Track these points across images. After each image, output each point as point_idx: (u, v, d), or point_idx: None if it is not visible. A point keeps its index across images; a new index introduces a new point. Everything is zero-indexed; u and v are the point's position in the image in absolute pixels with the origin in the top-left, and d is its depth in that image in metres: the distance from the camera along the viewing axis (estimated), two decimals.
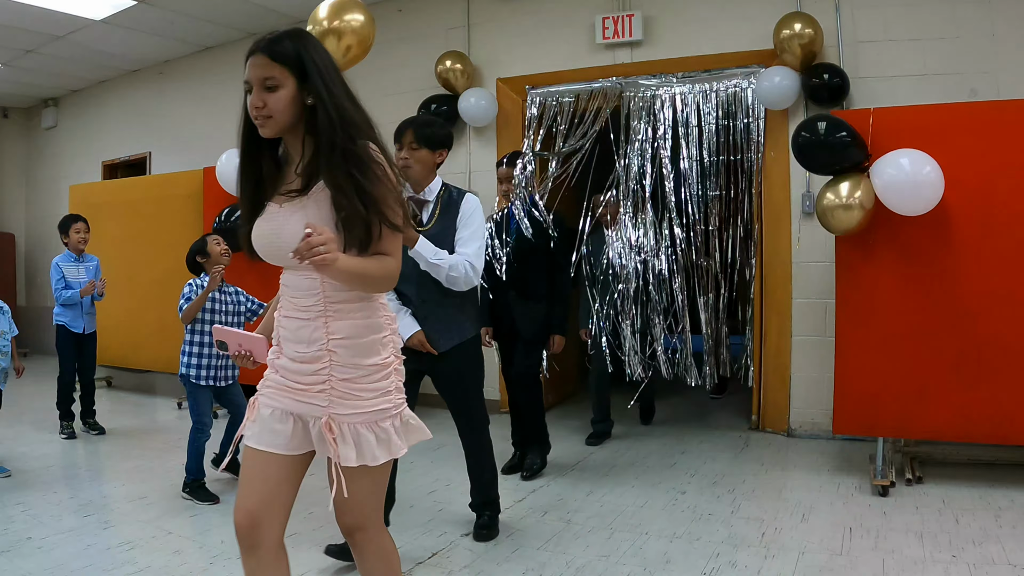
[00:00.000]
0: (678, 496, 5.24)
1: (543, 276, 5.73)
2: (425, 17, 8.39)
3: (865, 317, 5.25)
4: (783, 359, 6.78)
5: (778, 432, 6.82)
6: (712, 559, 4.10)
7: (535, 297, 5.70)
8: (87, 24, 9.11)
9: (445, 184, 4.29)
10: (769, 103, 6.64)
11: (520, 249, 5.74)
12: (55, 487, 5.63)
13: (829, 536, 4.38)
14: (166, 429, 7.54)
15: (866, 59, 6.45)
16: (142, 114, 11.38)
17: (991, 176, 4.98)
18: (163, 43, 10.05)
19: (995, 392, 4.96)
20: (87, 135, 12.32)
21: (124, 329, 9.09)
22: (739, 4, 6.88)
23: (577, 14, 7.54)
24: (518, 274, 5.70)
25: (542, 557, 4.21)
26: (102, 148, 12.02)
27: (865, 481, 5.34)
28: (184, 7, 8.68)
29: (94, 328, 7.34)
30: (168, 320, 8.37)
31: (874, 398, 5.22)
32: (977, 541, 4.20)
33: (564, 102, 7.59)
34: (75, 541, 4.51)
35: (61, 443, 6.95)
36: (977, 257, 5.00)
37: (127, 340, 9.16)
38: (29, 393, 7.53)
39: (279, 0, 8.53)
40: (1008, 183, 4.94)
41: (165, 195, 8.94)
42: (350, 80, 2.49)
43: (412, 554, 4.27)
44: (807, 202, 6.57)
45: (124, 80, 11.59)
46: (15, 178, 13.39)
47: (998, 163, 4.96)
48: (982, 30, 6.10)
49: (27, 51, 10.09)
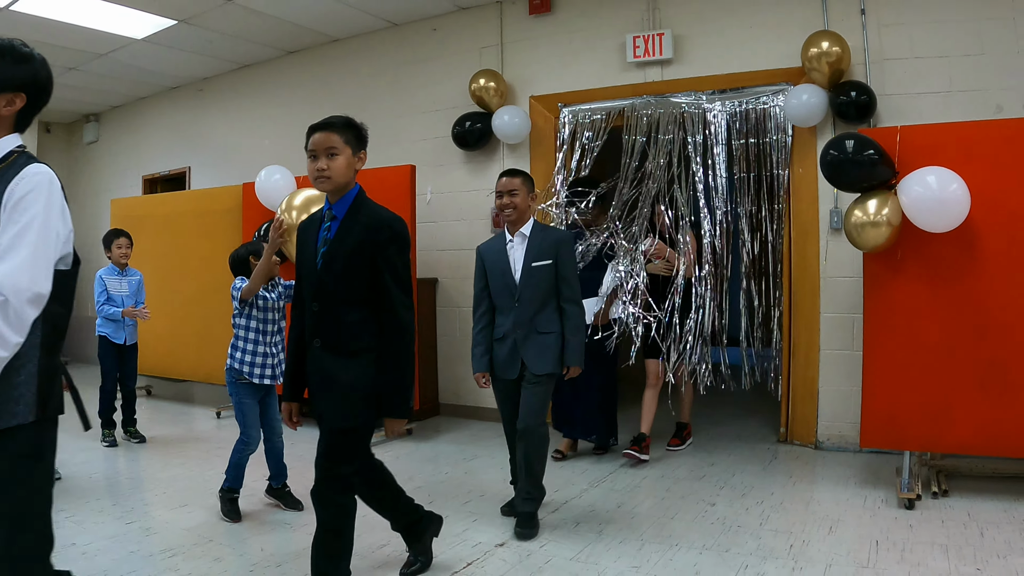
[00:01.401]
0: (707, 508, 5.24)
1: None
2: (459, 36, 8.47)
3: (892, 332, 5.26)
4: (811, 372, 6.78)
5: (806, 445, 6.81)
6: (741, 570, 4.13)
7: None
8: (129, 43, 9.25)
9: None
10: (797, 120, 6.65)
11: None
12: (98, 494, 5.70)
13: (856, 548, 4.38)
14: (205, 438, 7.61)
15: (892, 77, 6.45)
16: (181, 130, 11.50)
17: (1017, 192, 4.98)
18: (201, 61, 10.16)
19: (1021, 407, 4.96)
20: (128, 150, 12.46)
21: (164, 340, 9.18)
22: (767, 23, 6.90)
23: (608, 33, 7.59)
24: None
25: (574, 568, 4.24)
26: (142, 163, 12.15)
27: (892, 494, 5.34)
28: (222, 26, 8.78)
29: (135, 339, 7.43)
30: (207, 331, 8.52)
31: (901, 412, 5.23)
32: (1002, 554, 4.20)
33: (596, 119, 7.65)
34: (118, 548, 4.56)
35: (103, 451, 7.03)
36: (1003, 273, 5.01)
37: (167, 350, 9.25)
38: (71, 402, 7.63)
39: (312, 19, 8.64)
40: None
41: (205, 209, 9.04)
42: None
43: (447, 563, 4.31)
44: (835, 218, 6.58)
45: (163, 96, 11.72)
46: None
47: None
48: (1007, 47, 6.09)
49: (70, 68, 10.22)
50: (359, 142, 3.58)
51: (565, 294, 4.83)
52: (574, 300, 4.85)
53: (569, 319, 4.82)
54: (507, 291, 4.85)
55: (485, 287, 5.00)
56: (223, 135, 10.74)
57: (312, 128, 3.53)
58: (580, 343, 4.85)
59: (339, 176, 3.48)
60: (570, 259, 4.92)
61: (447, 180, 8.45)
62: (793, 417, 6.92)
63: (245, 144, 10.05)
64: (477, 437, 7.02)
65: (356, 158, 3.55)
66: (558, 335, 4.81)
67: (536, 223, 4.96)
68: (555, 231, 4.99)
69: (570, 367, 4.83)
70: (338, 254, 3.48)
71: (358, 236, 3.47)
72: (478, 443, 6.84)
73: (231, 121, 10.59)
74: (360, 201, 3.58)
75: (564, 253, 4.85)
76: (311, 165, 3.49)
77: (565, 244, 4.91)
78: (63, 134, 13.64)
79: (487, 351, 4.97)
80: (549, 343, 4.78)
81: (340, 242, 3.48)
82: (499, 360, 4.89)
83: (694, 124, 7.14)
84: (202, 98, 11.11)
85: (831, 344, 6.71)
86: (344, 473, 3.55)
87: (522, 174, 4.96)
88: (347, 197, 3.56)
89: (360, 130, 3.59)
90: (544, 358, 4.75)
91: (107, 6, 7.99)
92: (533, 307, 4.78)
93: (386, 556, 4.42)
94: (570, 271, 4.88)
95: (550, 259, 4.80)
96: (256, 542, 4.70)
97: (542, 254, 4.81)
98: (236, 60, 10.21)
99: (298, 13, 8.44)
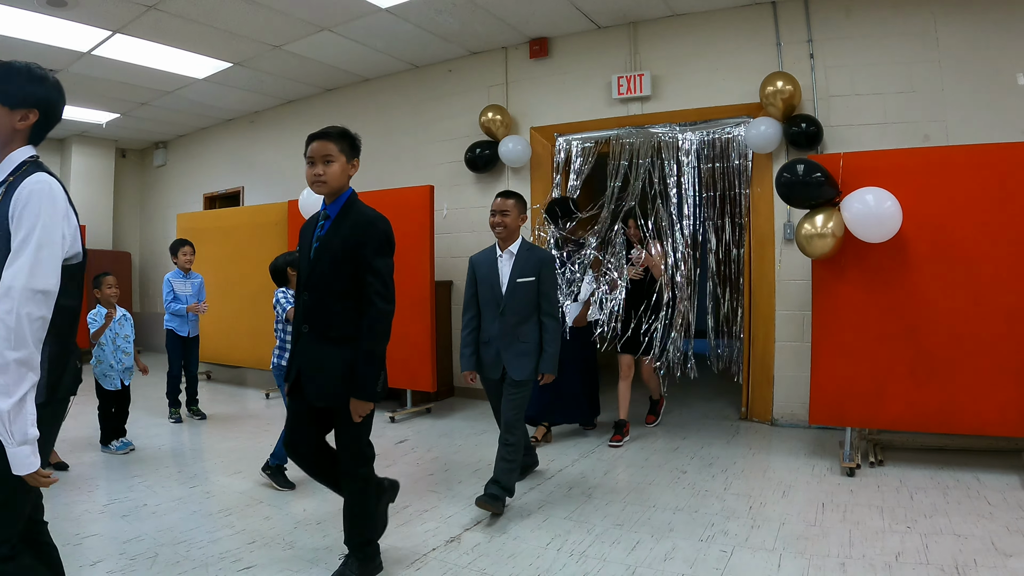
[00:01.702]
0: (680, 475, 5.25)
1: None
2: (470, 76, 8.48)
3: (837, 327, 5.28)
4: (768, 361, 6.78)
5: (763, 422, 6.82)
6: (708, 527, 4.14)
7: None
8: (192, 82, 9.28)
9: None
10: (756, 148, 6.65)
11: None
12: (165, 463, 5.72)
13: (805, 509, 4.40)
14: (256, 416, 7.61)
15: (837, 111, 6.45)
16: (236, 155, 11.52)
17: (942, 209, 4.99)
18: (253, 97, 10.18)
19: (944, 389, 4.99)
20: (191, 172, 12.48)
21: (222, 332, 9.26)
22: (731, 65, 6.90)
23: (596, 73, 7.60)
24: None
25: (567, 525, 4.26)
26: (203, 182, 12.17)
27: (835, 463, 5.35)
28: (271, 68, 8.80)
29: (197, 332, 7.46)
30: (258, 325, 8.55)
31: (844, 394, 5.25)
32: (928, 514, 4.21)
33: (586, 147, 7.68)
34: (183, 508, 4.59)
35: (170, 426, 7.05)
36: (930, 278, 5.02)
37: (224, 341, 9.31)
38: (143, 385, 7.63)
39: (346, 63, 8.66)
40: (955, 215, 4.97)
41: (256, 222, 9.08)
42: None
43: (461, 521, 4.34)
44: (788, 230, 6.58)
45: (221, 127, 11.76)
46: (131, 207, 13.56)
47: (948, 198, 4.98)
48: (933, 85, 6.10)
49: (142, 103, 10.27)
50: (353, 150, 3.43)
51: (545, 308, 4.66)
52: (552, 314, 4.68)
53: (547, 331, 4.65)
54: (494, 302, 4.67)
55: (474, 295, 4.81)
56: (272, 159, 10.73)
57: (311, 137, 3.39)
58: (555, 354, 4.66)
59: (334, 181, 3.35)
60: (551, 277, 4.72)
61: (460, 198, 8.44)
62: (752, 398, 6.92)
63: (290, 167, 10.04)
64: (486, 415, 7.00)
65: (350, 165, 3.41)
66: (536, 344, 4.63)
67: (524, 242, 4.76)
68: (539, 251, 4.79)
69: (544, 374, 4.66)
70: (327, 249, 3.35)
71: (345, 232, 3.33)
72: (487, 420, 6.82)
73: (278, 147, 10.57)
74: (351, 203, 3.43)
75: (546, 272, 4.67)
76: (309, 171, 3.37)
77: (547, 264, 4.71)
78: (136, 159, 13.66)
79: (474, 352, 4.78)
80: (528, 351, 4.60)
81: (330, 238, 3.36)
82: (486, 361, 4.71)
83: (669, 151, 7.18)
84: (254, 128, 11.13)
85: (785, 337, 6.71)
86: None
87: (516, 196, 4.76)
88: (340, 199, 3.41)
89: (354, 140, 3.45)
90: (523, 365, 4.57)
91: (174, 51, 8.02)
92: (516, 318, 4.61)
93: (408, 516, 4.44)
94: (550, 288, 4.71)
95: (533, 276, 4.63)
96: (299, 504, 4.71)
97: (526, 271, 4.63)
98: (282, 96, 10.23)
99: (335, 57, 8.46)
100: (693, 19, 7.11)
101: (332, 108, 9.73)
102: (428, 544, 3.98)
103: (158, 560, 3.72)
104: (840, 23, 6.48)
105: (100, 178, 12.75)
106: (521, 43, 8.07)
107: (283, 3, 6.81)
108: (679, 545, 3.90)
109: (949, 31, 6.09)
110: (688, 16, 7.13)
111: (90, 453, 5.88)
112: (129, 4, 6.67)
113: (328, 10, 7.02)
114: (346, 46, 8.06)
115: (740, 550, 3.80)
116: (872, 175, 5.07)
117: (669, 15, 7.18)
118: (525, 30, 7.69)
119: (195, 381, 7.55)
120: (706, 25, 7.05)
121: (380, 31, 7.62)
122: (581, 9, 7.09)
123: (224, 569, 3.63)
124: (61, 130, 11.92)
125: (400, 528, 4.19)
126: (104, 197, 12.80)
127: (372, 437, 3.52)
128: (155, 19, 7.04)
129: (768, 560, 3.65)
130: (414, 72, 8.96)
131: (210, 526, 4.27)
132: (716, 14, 6.99)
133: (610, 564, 3.67)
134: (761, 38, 6.78)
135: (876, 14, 6.35)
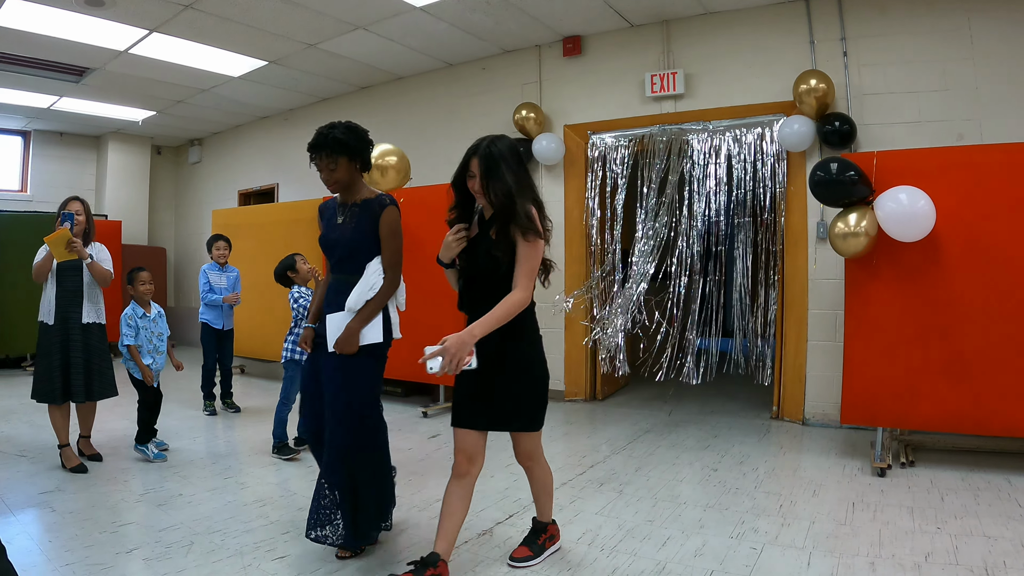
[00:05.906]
0: (711, 473, 5.28)
1: None
2: (504, 74, 8.54)
3: (869, 326, 5.28)
4: (800, 360, 6.78)
5: (795, 421, 6.82)
6: (738, 525, 4.16)
7: None
8: (227, 80, 9.43)
9: None
10: (789, 146, 6.65)
11: None
12: (200, 454, 5.83)
13: (835, 509, 4.40)
14: None
15: (870, 109, 6.44)
16: (270, 152, 11.64)
17: (976, 208, 4.99)
18: (288, 95, 10.30)
19: (976, 391, 4.97)
20: (226, 168, 12.65)
21: (256, 327, 9.37)
22: (764, 63, 6.91)
23: (630, 72, 7.63)
24: None
25: (598, 520, 4.29)
26: (238, 179, 12.33)
27: (866, 463, 5.35)
28: (306, 66, 8.91)
29: (231, 326, 7.58)
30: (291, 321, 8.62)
31: (875, 394, 5.25)
32: (958, 516, 4.21)
33: (619, 145, 7.71)
34: (217, 498, 4.67)
35: (204, 418, 7.17)
36: (963, 277, 5.01)
37: (258, 336, 9.43)
38: (177, 378, 7.75)
39: (381, 61, 8.75)
40: (989, 215, 4.96)
41: (290, 219, 9.18)
42: None
43: (492, 516, 4.37)
44: (821, 229, 6.58)
45: (256, 124, 11.90)
46: (167, 203, 13.77)
47: (982, 197, 4.97)
48: (967, 84, 6.07)
49: (177, 101, 10.44)
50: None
51: None
52: None
53: None
54: None
55: None
56: (305, 157, 10.44)
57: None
58: None
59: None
60: None
61: None
62: (784, 398, 6.93)
63: None
64: None
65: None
66: None
67: None
68: None
69: None
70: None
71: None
72: None
73: None
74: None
75: None
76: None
77: None
78: (172, 156, 13.87)
79: None
80: None
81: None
82: None
83: (702, 149, 7.18)
84: (288, 126, 11.25)
85: (817, 336, 6.71)
86: None
87: None
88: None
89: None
90: None
91: (210, 50, 8.15)
92: None
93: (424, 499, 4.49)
94: None
95: None
96: None
97: None
98: (316, 94, 10.35)
99: (369, 56, 8.55)
100: (726, 17, 7.13)
101: (366, 106, 9.83)
102: (461, 537, 4.02)
103: (193, 548, 3.79)
104: (873, 20, 6.46)
105: (136, 175, 12.95)
106: (554, 41, 8.11)
107: (318, 2, 6.91)
108: (709, 542, 3.92)
109: (983, 29, 6.06)
110: (721, 14, 7.14)
111: (125, 446, 5.96)
112: (166, 3, 6.81)
113: (363, 9, 7.11)
114: (381, 44, 8.15)
115: (770, 548, 3.81)
116: (906, 174, 5.07)
117: (702, 13, 7.20)
118: (558, 28, 7.74)
119: (229, 375, 7.66)
120: (739, 23, 7.06)
121: (415, 29, 7.70)
122: (614, 7, 7.13)
123: (258, 558, 3.70)
124: (97, 127, 12.13)
125: (433, 521, 4.21)
126: (140, 193, 13.00)
127: (404, 433, 3.59)
128: (191, 18, 7.17)
129: (798, 558, 3.66)
130: (448, 70, 9.03)
131: (245, 516, 4.34)
132: (749, 12, 7.00)
133: (640, 559, 3.70)
134: (794, 36, 6.77)
135: (909, 11, 6.32)
